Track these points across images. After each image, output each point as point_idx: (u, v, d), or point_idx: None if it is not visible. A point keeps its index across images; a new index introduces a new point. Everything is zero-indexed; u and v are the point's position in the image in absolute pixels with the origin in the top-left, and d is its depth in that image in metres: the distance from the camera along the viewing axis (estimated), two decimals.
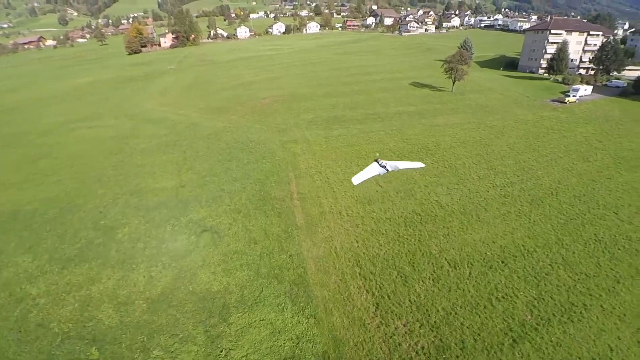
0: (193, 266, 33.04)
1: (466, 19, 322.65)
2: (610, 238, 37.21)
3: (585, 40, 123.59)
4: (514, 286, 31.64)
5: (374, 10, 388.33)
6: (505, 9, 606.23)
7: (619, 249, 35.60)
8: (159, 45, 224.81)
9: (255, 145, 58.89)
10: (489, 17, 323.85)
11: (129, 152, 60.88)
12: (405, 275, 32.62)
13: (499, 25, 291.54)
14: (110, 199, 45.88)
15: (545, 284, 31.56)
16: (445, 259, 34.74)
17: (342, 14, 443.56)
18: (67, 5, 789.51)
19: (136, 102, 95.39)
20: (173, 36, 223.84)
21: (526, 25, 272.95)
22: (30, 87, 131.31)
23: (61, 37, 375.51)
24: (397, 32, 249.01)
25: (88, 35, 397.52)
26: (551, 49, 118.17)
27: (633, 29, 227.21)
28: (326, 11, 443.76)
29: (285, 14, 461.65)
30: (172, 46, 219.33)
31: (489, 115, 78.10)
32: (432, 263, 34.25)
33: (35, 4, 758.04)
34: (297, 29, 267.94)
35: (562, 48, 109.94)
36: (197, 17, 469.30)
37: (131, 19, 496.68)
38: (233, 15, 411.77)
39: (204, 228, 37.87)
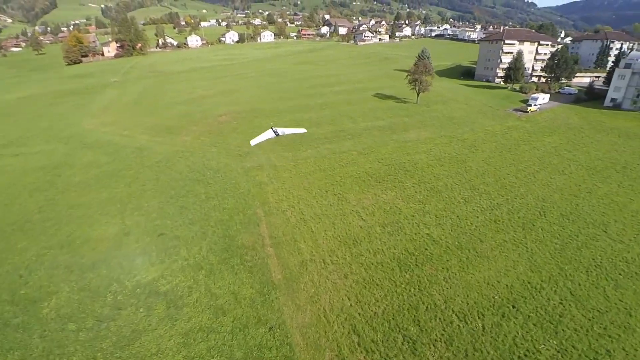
0: (144, 355, 24.63)
1: (417, 28, 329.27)
2: (608, 262, 34.54)
3: (537, 50, 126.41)
4: (533, 337, 26.82)
5: (327, 19, 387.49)
6: (450, 19, 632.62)
7: (620, 274, 32.96)
8: (102, 54, 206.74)
9: (214, 175, 50.49)
10: (439, 27, 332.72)
11: (61, 188, 50.27)
12: (412, 340, 26.36)
13: (449, 34, 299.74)
14: (33, 255, 35.96)
15: (563, 330, 27.31)
16: (453, 311, 29.01)
17: (295, 22, 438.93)
18: (0, 11, 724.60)
19: (73, 121, 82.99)
20: (117, 45, 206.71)
21: (474, 35, 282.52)
22: None
23: None
24: (352, 41, 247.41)
25: (23, 44, 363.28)
26: (506, 59, 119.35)
27: (570, 38, 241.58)
28: (279, 20, 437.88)
29: (238, 22, 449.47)
30: (116, 56, 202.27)
31: (458, 128, 75.12)
32: (440, 318, 28.35)
33: None
34: (252, 37, 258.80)
35: (518, 58, 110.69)
36: (144, 24, 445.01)
37: (72, 27, 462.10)
38: (183, 23, 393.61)
39: (156, 295, 29.37)
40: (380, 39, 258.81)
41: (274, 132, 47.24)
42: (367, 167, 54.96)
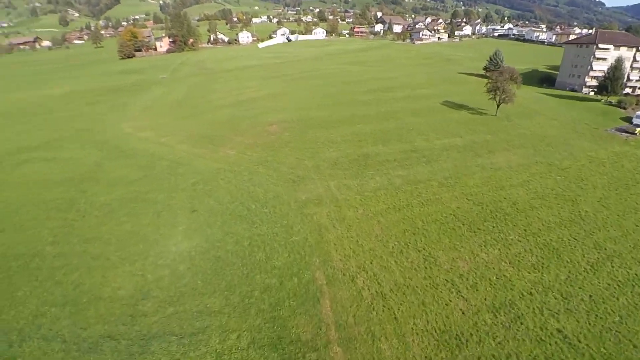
0: None
1: (477, 27, 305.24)
2: None
3: (634, 57, 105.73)
4: None
5: (380, 16, 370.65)
6: (506, 18, 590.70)
7: None
8: (155, 49, 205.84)
9: (260, 209, 39.77)
10: (502, 26, 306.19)
11: (82, 210, 41.89)
12: None
13: (514, 35, 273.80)
14: (32, 312, 27.56)
15: None
16: None
17: (346, 20, 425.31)
18: (68, 6, 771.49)
19: (112, 122, 76.43)
20: (170, 40, 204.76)
21: (543, 36, 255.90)
22: None
23: (58, 38, 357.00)
24: (408, 40, 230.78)
25: (86, 37, 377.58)
26: (598, 66, 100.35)
27: None
28: (330, 17, 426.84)
29: (289, 19, 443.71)
30: (168, 51, 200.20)
31: (554, 152, 59.87)
32: None
33: (37, 4, 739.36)
34: (303, 35, 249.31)
35: (617, 66, 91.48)
36: (198, 20, 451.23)
37: (131, 22, 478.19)
38: (235, 19, 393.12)
39: None
40: (438, 38, 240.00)
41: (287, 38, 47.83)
42: (453, 206, 42.05)
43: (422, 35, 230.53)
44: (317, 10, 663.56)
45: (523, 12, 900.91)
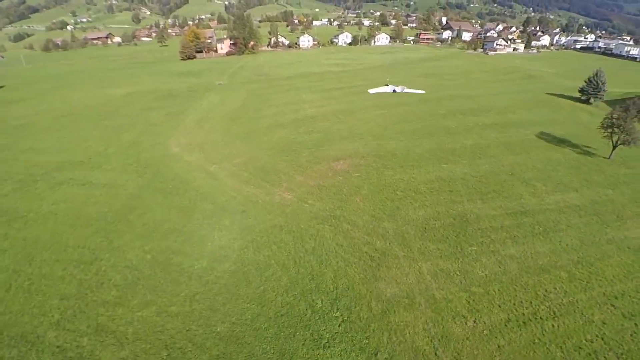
0: None
1: (556, 37, 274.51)
2: None
3: None
4: None
5: (447, 22, 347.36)
6: (584, 27, 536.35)
7: None
8: (216, 51, 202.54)
9: (329, 312, 27.39)
10: (585, 38, 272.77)
11: (101, 273, 32.55)
12: None
13: (599, 48, 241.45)
14: None
15: None
16: None
17: (409, 24, 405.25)
18: (142, 4, 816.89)
19: (162, 135, 68.52)
20: (231, 42, 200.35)
21: (634, 51, 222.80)
22: (60, 94, 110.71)
23: (128, 34, 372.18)
24: (480, 50, 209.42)
25: (154, 34, 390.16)
26: None
27: None
28: (393, 21, 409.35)
29: (349, 22, 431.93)
30: (228, 53, 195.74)
31: None
32: None
33: (114, 2, 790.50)
34: (365, 40, 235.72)
35: None
36: (260, 21, 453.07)
37: (197, 21, 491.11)
38: (296, 21, 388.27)
39: None
40: (514, 49, 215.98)
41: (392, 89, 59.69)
42: (597, 320, 27.81)
43: (497, 45, 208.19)
44: (378, 13, 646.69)
45: (600, 20, 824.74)
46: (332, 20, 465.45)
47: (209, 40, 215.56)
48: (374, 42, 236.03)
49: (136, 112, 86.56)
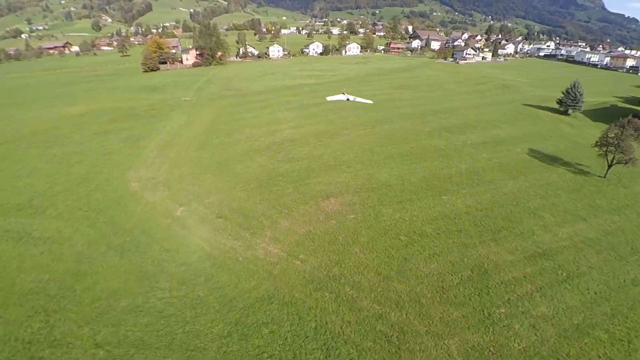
0: None
1: (520, 45, 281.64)
2: None
3: None
4: None
5: (415, 32, 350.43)
6: (539, 34, 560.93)
7: None
8: (181, 62, 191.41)
9: None
10: (548, 46, 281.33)
11: None
12: None
13: (562, 55, 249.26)
14: None
15: None
16: None
17: (377, 33, 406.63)
18: (102, 11, 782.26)
19: (119, 169, 58.80)
20: (197, 53, 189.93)
21: (595, 58, 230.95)
22: (5, 115, 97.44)
23: (87, 43, 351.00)
24: (451, 59, 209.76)
25: (115, 43, 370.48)
26: None
27: None
28: (361, 30, 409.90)
29: (318, 30, 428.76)
30: (194, 64, 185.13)
31: None
32: None
33: (72, 9, 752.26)
34: (337, 50, 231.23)
35: None
36: (227, 29, 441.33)
37: (161, 29, 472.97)
38: (264, 30, 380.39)
39: None
40: (483, 58, 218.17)
41: (347, 98, 74.36)
42: None
43: (466, 54, 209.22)
44: (345, 22, 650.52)
45: (554, 27, 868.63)
46: (300, 28, 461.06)
47: (174, 51, 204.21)
48: (345, 51, 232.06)
49: (90, 137, 75.93)
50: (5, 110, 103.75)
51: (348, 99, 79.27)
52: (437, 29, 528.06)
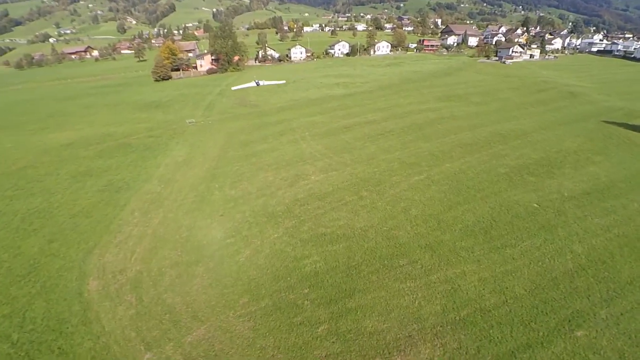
0: None
1: (567, 40, 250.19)
2: None
3: None
4: None
5: (447, 26, 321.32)
6: (586, 25, 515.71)
7: None
8: (195, 67, 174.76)
9: None
10: (601, 40, 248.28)
11: None
12: None
13: (619, 51, 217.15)
14: None
15: None
16: None
17: (404, 28, 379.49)
18: (127, 14, 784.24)
19: (82, 248, 40.88)
20: (212, 58, 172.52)
21: None
22: None
23: (108, 47, 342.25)
24: (495, 58, 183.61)
25: (137, 46, 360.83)
26: None
27: None
28: (387, 25, 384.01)
29: (342, 27, 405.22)
30: (209, 71, 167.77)
31: None
32: None
33: (99, 12, 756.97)
34: (365, 49, 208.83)
35: None
36: (248, 29, 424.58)
37: (181, 30, 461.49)
38: (286, 28, 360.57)
39: None
40: (531, 56, 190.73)
41: (256, 82, 68.91)
42: None
43: (513, 52, 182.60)
44: (369, 16, 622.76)
45: (590, 16, 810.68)
46: (323, 25, 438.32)
47: (191, 55, 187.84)
48: (374, 51, 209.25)
49: (65, 183, 58.80)
50: None
51: (257, 84, 74.85)
52: (470, 22, 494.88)
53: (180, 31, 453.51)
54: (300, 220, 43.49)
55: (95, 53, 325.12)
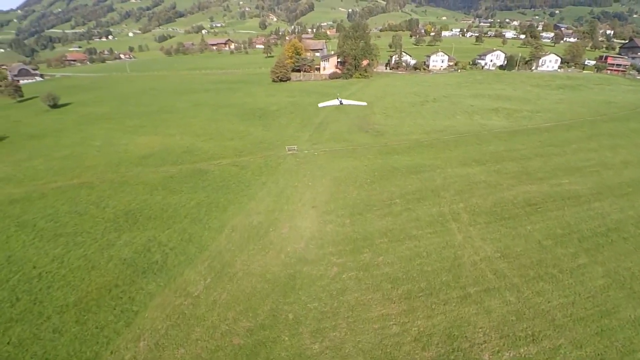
0: None
1: None
2: None
3: None
4: None
5: (633, 40, 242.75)
6: None
7: None
8: (318, 69, 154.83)
9: None
10: None
11: None
12: None
13: None
14: None
15: None
16: None
17: (565, 39, 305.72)
18: (271, 11, 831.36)
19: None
20: (338, 60, 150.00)
21: None
22: (74, 139, 73.36)
23: (245, 41, 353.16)
24: None
25: (272, 41, 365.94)
26: None
27: None
28: (544, 34, 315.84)
29: (487, 33, 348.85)
30: (331, 75, 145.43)
31: None
32: None
33: (247, 9, 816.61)
34: (525, 62, 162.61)
35: None
36: (380, 30, 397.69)
37: (315, 29, 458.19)
38: (422, 31, 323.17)
39: None
40: None
41: (339, 101, 66.77)
42: None
43: None
44: (516, 23, 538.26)
45: None
46: (464, 30, 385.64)
47: (318, 54, 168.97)
48: (538, 65, 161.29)
49: (96, 234, 40.05)
50: (81, 131, 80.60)
51: (341, 103, 69.12)
52: None
53: (315, 29, 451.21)
54: None
55: (232, 46, 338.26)
